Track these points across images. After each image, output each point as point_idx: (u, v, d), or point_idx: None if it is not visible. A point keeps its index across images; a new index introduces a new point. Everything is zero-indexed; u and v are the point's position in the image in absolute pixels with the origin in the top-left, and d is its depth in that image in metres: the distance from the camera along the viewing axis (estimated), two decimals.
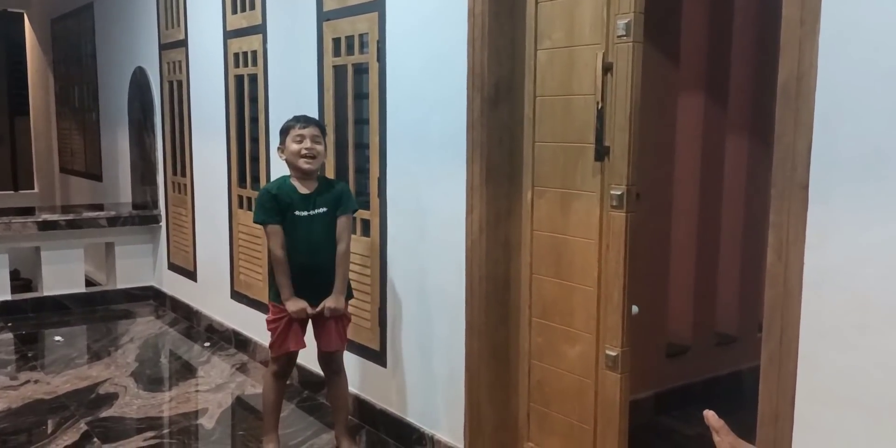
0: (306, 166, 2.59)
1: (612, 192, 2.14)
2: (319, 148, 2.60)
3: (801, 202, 1.65)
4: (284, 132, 2.64)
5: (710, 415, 0.97)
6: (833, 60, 1.58)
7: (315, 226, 2.62)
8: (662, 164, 3.01)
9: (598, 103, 2.14)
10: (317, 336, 2.73)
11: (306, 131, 2.58)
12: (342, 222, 2.65)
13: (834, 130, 1.59)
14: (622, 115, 2.09)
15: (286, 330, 2.64)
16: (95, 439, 2.94)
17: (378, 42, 2.83)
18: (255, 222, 2.70)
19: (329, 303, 2.62)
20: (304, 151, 2.57)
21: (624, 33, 2.07)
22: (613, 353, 2.16)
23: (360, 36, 2.95)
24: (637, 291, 2.19)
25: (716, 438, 0.95)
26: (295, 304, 2.59)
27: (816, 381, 1.65)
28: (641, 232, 2.25)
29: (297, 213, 2.60)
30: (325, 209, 2.62)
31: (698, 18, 3.14)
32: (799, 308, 1.66)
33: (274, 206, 2.60)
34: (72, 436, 2.97)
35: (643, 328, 2.51)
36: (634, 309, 2.17)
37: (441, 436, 2.70)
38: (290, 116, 2.71)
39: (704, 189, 3.23)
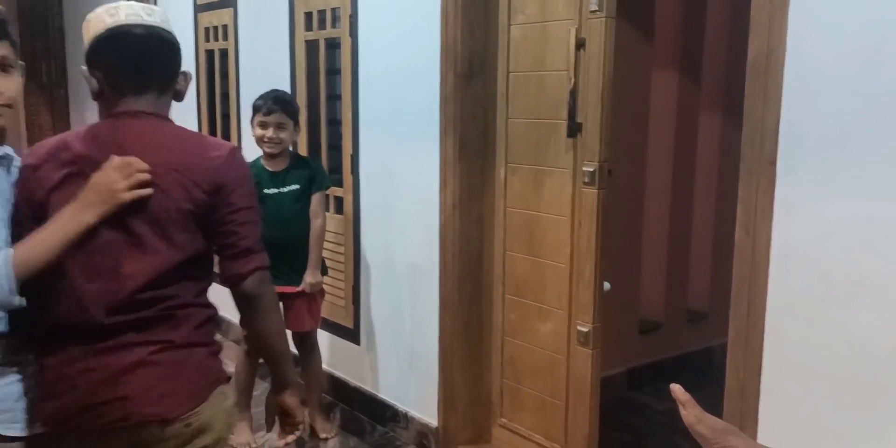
0: (268, 150, 2.59)
1: (584, 168, 2.13)
2: (283, 135, 2.57)
3: (769, 177, 1.66)
4: (254, 110, 2.61)
5: (676, 388, 0.98)
6: (802, 37, 1.58)
7: (285, 203, 2.60)
8: (635, 141, 3.01)
9: (570, 79, 2.12)
10: (287, 317, 2.71)
11: (270, 118, 2.55)
12: (316, 199, 2.63)
13: (802, 106, 1.60)
14: (595, 92, 2.08)
15: None
16: None
17: (350, 16, 2.78)
18: None
19: (308, 278, 2.62)
20: (266, 139, 2.56)
21: (597, 8, 2.04)
22: (585, 329, 2.17)
23: (333, 10, 2.89)
24: (609, 268, 2.20)
25: (682, 412, 0.97)
26: None
27: (782, 353, 1.67)
28: (614, 208, 2.26)
29: (266, 190, 2.58)
30: (296, 186, 2.60)
31: None
32: (766, 282, 1.68)
33: None
34: None
35: (615, 305, 2.52)
36: (606, 285, 2.18)
37: (414, 413, 2.71)
38: (262, 92, 2.66)
39: (678, 166, 3.24)
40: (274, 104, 2.57)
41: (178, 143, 1.38)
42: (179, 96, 1.46)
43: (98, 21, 1.37)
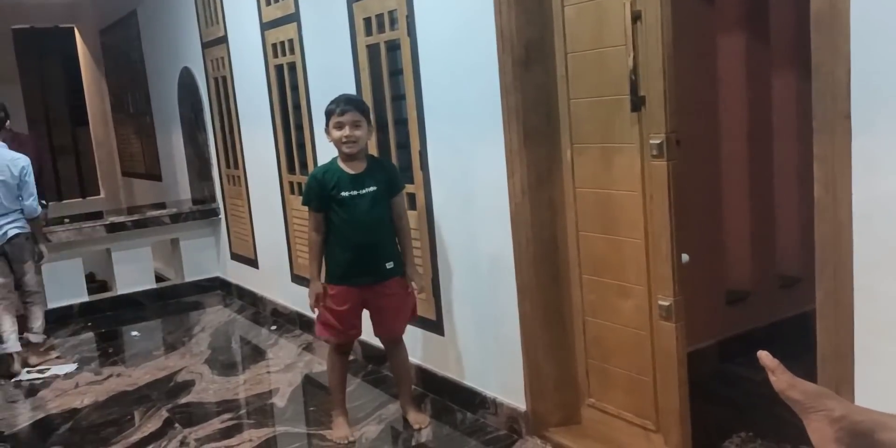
0: (347, 150, 2.63)
1: (651, 141, 2.12)
2: (359, 133, 2.61)
3: (844, 133, 1.61)
4: (327, 115, 2.68)
5: (763, 355, 0.94)
6: None
7: (364, 204, 2.65)
8: (704, 109, 2.94)
9: (629, 54, 2.11)
10: (374, 323, 2.80)
11: (345, 118, 2.60)
12: (398, 202, 2.72)
13: (872, 56, 1.54)
14: (655, 63, 2.07)
15: (332, 315, 2.75)
16: (177, 425, 3.09)
17: (407, 17, 2.85)
18: (302, 204, 2.80)
19: (416, 280, 2.75)
20: (344, 139, 2.61)
21: None
22: (666, 304, 2.16)
23: (390, 13, 2.97)
24: (688, 240, 2.17)
25: (772, 378, 0.92)
26: (313, 288, 2.75)
27: (875, 313, 1.62)
28: (689, 179, 2.22)
29: (343, 193, 2.64)
30: (374, 188, 2.65)
31: None
32: (851, 241, 1.63)
33: (317, 191, 2.66)
34: (155, 423, 3.13)
35: (698, 276, 2.48)
36: (684, 257, 2.15)
37: (503, 398, 2.75)
38: (331, 99, 2.76)
39: (753, 129, 3.14)
40: (346, 104, 2.62)
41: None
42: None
43: None
